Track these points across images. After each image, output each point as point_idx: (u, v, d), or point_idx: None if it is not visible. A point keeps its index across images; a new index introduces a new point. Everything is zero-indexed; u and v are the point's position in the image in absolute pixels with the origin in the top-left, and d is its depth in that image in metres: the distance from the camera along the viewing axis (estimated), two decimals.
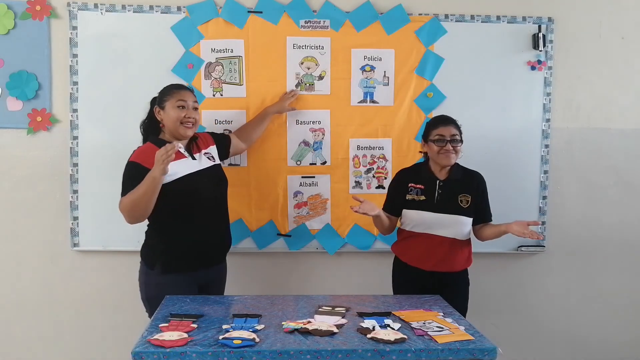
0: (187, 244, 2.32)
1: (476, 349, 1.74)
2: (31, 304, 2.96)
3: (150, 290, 2.32)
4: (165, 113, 2.34)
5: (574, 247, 3.13)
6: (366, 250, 3.01)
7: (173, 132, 2.34)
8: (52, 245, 2.92)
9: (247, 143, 2.76)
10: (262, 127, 2.80)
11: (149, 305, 2.34)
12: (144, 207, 2.16)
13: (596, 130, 3.08)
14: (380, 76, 2.94)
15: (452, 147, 2.43)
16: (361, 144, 2.96)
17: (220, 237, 2.47)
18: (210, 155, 2.47)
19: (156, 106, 2.37)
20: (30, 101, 2.84)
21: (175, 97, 2.33)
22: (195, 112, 2.37)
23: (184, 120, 2.32)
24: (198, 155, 2.40)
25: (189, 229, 2.32)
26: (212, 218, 2.39)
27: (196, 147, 2.42)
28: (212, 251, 2.43)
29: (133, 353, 1.66)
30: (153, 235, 2.38)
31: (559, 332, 3.18)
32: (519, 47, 2.98)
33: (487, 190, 2.55)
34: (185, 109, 2.33)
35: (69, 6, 2.82)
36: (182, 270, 2.32)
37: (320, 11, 2.89)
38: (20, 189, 2.89)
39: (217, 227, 2.44)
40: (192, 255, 2.33)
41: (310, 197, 2.96)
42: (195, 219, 2.32)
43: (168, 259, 2.31)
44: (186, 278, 2.33)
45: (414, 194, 2.51)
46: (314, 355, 1.68)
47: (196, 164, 2.36)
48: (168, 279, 2.30)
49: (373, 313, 2.03)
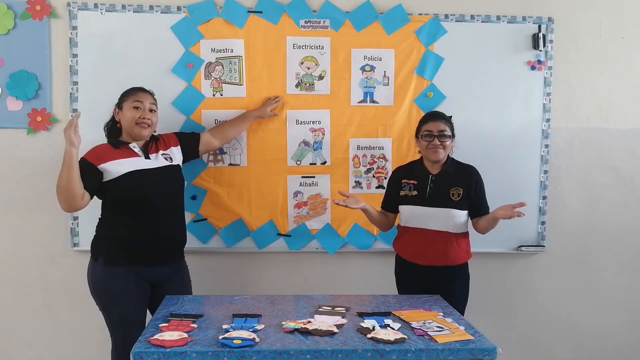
0: (129, 238, 2.35)
1: (476, 349, 1.74)
2: (31, 304, 2.96)
3: (95, 282, 2.37)
4: (122, 114, 2.41)
5: (574, 247, 3.13)
6: (366, 250, 3.01)
7: (129, 132, 2.41)
8: (52, 245, 2.92)
9: (222, 141, 2.76)
10: (239, 128, 2.81)
11: (96, 296, 2.39)
12: (65, 187, 2.23)
13: (596, 130, 3.08)
14: (380, 76, 2.94)
15: (440, 142, 2.45)
16: (361, 144, 2.96)
17: (168, 237, 2.45)
18: (168, 156, 2.49)
19: (115, 107, 2.46)
20: (30, 101, 2.84)
21: (132, 98, 2.41)
22: (152, 114, 2.43)
23: (139, 121, 2.38)
24: (154, 155, 2.44)
25: (133, 224, 2.35)
26: (159, 217, 2.40)
27: (154, 147, 2.47)
28: (157, 250, 2.40)
29: (133, 353, 1.66)
30: (100, 228, 2.43)
31: (559, 332, 3.18)
32: (519, 47, 2.98)
33: (484, 184, 2.55)
34: (141, 110, 2.39)
35: (69, 6, 2.82)
36: (124, 263, 2.34)
37: (320, 11, 2.89)
38: (20, 189, 2.89)
39: (165, 226, 2.42)
40: (135, 251, 2.35)
41: (310, 197, 2.96)
42: (140, 215, 2.35)
43: (110, 251, 2.35)
44: (130, 272, 2.34)
45: (407, 189, 2.54)
46: (314, 355, 1.68)
47: (148, 163, 2.40)
48: (111, 272, 2.33)
49: (373, 313, 2.03)
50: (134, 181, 2.34)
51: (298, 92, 2.91)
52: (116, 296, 2.33)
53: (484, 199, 2.55)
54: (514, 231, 3.01)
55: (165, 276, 2.44)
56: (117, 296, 2.33)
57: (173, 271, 2.48)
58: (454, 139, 2.52)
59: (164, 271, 2.44)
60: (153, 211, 2.38)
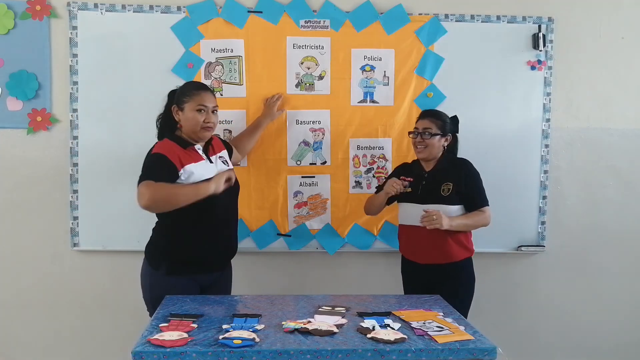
0: (194, 249, 2.27)
1: (476, 349, 1.74)
2: (31, 304, 2.96)
3: (154, 291, 2.28)
4: (184, 115, 2.26)
5: (574, 247, 3.13)
6: (366, 250, 3.01)
7: (191, 135, 2.27)
8: (52, 245, 2.92)
9: (242, 154, 2.77)
10: (255, 137, 2.80)
11: (151, 305, 2.31)
12: (174, 205, 2.12)
13: (596, 130, 3.08)
14: (380, 76, 2.94)
15: (422, 140, 2.47)
16: (361, 144, 2.96)
17: (229, 243, 2.42)
18: (225, 160, 2.42)
19: (174, 105, 2.29)
20: (30, 101, 2.84)
21: (195, 101, 2.25)
22: (215, 116, 2.30)
23: (204, 125, 2.25)
24: (214, 157, 2.35)
25: (199, 234, 2.26)
26: (222, 224, 2.35)
27: (212, 149, 2.35)
28: (218, 257, 2.38)
29: (133, 353, 1.65)
30: (161, 234, 2.33)
31: (559, 332, 3.18)
32: (519, 47, 2.98)
33: (478, 177, 2.50)
34: (205, 113, 2.26)
35: (69, 6, 2.82)
36: (186, 273, 2.29)
37: (320, 11, 2.89)
38: (20, 189, 2.89)
39: (226, 234, 2.39)
40: (198, 260, 2.29)
41: (310, 197, 2.96)
42: (207, 223, 2.26)
43: (174, 262, 2.27)
44: (190, 281, 2.31)
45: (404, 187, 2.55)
46: (314, 355, 1.68)
47: (213, 168, 2.30)
48: (172, 281, 2.27)
49: (373, 313, 2.03)
50: None
51: (298, 92, 2.91)
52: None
53: (476, 193, 2.48)
54: (514, 231, 3.01)
55: (216, 279, 2.41)
56: None
57: (224, 274, 2.46)
58: (444, 137, 2.51)
59: (218, 275, 2.41)
60: (217, 219, 2.29)
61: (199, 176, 2.20)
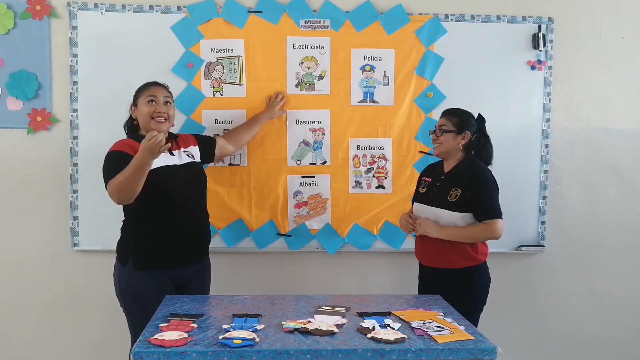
0: (160, 241, 2.31)
1: (476, 349, 1.74)
2: (31, 304, 2.96)
3: (123, 286, 2.33)
4: (138, 110, 2.36)
5: (574, 247, 3.13)
6: (366, 250, 3.01)
7: (146, 128, 2.33)
8: (52, 245, 2.92)
9: (236, 146, 2.74)
10: (252, 132, 2.80)
11: (122, 300, 2.35)
12: (132, 189, 2.14)
13: (596, 130, 3.09)
14: (380, 76, 2.94)
15: (436, 137, 2.46)
16: (361, 144, 2.96)
17: (196, 236, 2.43)
18: (190, 154, 2.46)
19: (131, 105, 2.41)
20: (30, 101, 2.84)
21: (145, 93, 2.35)
22: (168, 107, 2.36)
23: (154, 115, 2.32)
24: (177, 152, 2.40)
25: (163, 225, 2.30)
26: (187, 215, 2.36)
27: (175, 144, 2.41)
28: (186, 250, 2.38)
29: (133, 353, 1.66)
30: (127, 230, 2.37)
31: (559, 332, 3.18)
32: (519, 47, 2.98)
33: (488, 188, 2.38)
34: (156, 104, 2.33)
35: (69, 6, 2.82)
36: (154, 267, 2.30)
37: (320, 11, 2.89)
38: (20, 189, 2.89)
39: (192, 225, 2.40)
40: (165, 253, 2.31)
41: (310, 197, 2.96)
42: (170, 214, 2.31)
43: (140, 256, 2.30)
44: (159, 276, 2.31)
45: (421, 187, 2.55)
46: (314, 355, 1.68)
47: (173, 159, 2.36)
48: (140, 276, 2.29)
49: (373, 313, 2.03)
50: (163, 178, 2.26)
51: (298, 92, 2.91)
52: (143, 301, 2.26)
53: (483, 203, 2.37)
54: (514, 231, 3.00)
55: (189, 276, 2.42)
56: (144, 301, 2.25)
57: (197, 270, 2.46)
58: (460, 135, 2.42)
59: (190, 271, 2.42)
60: (180, 209, 2.33)
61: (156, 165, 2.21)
